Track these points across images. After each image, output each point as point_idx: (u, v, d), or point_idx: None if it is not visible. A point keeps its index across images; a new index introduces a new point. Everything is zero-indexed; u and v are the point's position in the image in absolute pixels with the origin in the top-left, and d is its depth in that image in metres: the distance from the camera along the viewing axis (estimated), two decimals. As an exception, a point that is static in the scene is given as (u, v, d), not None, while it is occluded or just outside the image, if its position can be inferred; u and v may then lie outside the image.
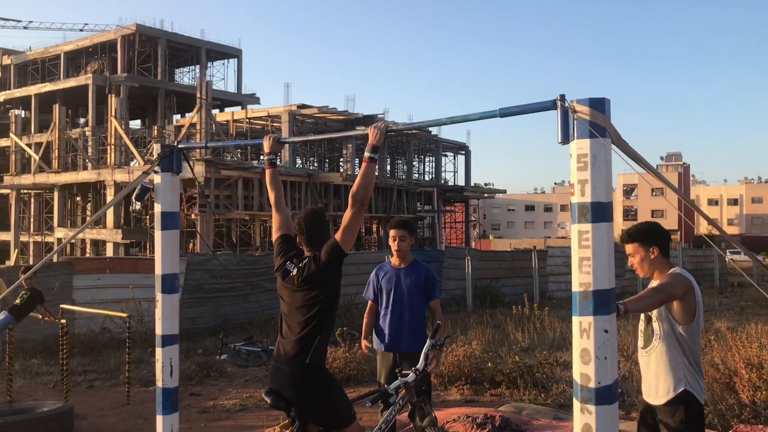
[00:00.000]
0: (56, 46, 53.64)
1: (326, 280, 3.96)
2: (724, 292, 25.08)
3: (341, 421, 3.98)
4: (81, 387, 9.59)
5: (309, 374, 3.91)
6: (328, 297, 3.98)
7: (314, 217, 4.11)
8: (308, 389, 3.90)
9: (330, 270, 3.95)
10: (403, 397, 4.62)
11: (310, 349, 3.90)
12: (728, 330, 9.15)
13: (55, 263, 15.53)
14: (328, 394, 3.95)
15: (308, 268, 3.96)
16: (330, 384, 4.01)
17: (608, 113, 2.87)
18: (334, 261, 3.93)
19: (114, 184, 39.32)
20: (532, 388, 8.12)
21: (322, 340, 3.96)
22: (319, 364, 3.95)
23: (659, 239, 3.83)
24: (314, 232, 4.06)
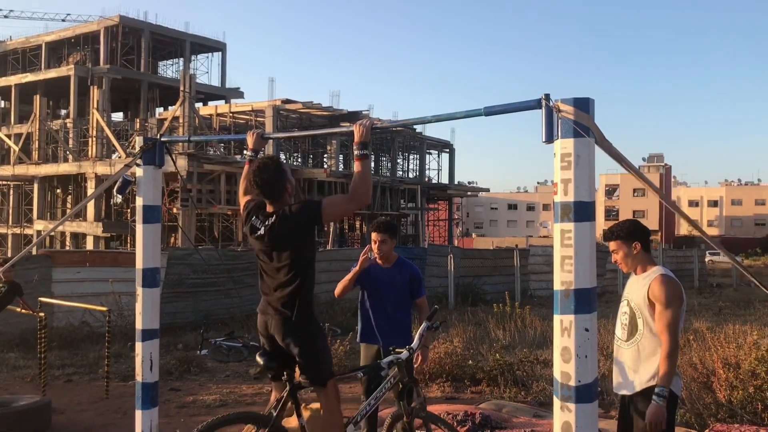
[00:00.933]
0: (37, 36, 53.02)
1: (298, 234, 3.90)
2: (703, 293, 25.37)
3: (321, 374, 4.00)
4: (59, 381, 9.51)
5: (297, 324, 3.93)
6: (303, 252, 3.93)
7: (265, 168, 3.97)
8: (297, 333, 3.92)
9: (301, 225, 3.88)
10: (394, 375, 4.58)
11: (294, 308, 3.91)
12: (707, 330, 9.23)
13: (34, 256, 15.37)
14: (314, 341, 3.97)
15: (279, 224, 3.91)
16: (318, 332, 4.03)
17: (592, 113, 2.88)
18: (308, 220, 3.88)
19: (95, 177, 38.94)
20: (512, 386, 8.16)
21: (304, 296, 3.95)
22: (305, 315, 3.95)
23: (641, 235, 3.98)
24: (268, 185, 3.95)
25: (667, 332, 3.71)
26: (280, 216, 3.92)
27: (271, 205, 4.01)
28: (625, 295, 4.05)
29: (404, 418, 4.53)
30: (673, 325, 3.73)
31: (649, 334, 3.80)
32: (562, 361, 2.88)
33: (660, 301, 3.77)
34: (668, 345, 3.70)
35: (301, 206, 3.92)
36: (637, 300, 3.89)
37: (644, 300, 3.84)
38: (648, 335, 3.81)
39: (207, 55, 56.14)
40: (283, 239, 3.92)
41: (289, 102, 44.53)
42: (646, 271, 3.93)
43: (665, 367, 3.69)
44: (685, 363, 7.36)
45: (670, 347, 3.70)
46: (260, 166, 4.00)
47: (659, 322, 3.74)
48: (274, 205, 3.99)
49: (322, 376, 4.01)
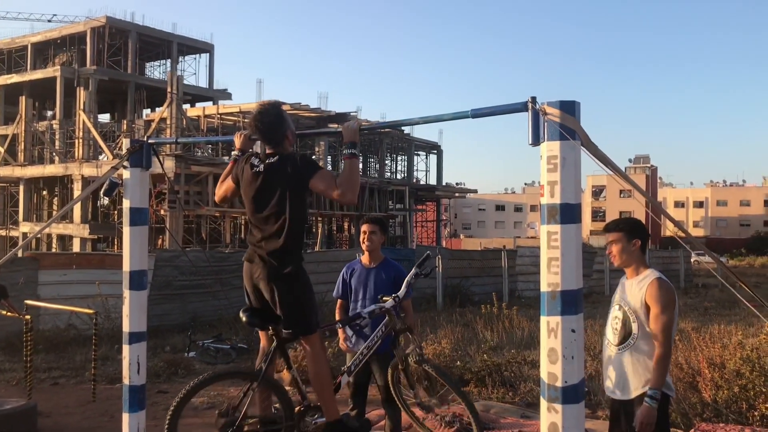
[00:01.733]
0: (23, 37, 52.62)
1: (295, 180, 3.88)
2: (689, 293, 25.54)
3: (307, 325, 4.00)
4: (45, 384, 9.44)
5: (283, 271, 3.91)
6: (294, 206, 3.91)
7: (267, 112, 3.99)
8: (282, 280, 3.90)
9: (301, 169, 3.88)
10: (386, 323, 4.56)
11: (282, 258, 3.90)
12: (692, 330, 9.32)
13: (20, 258, 15.26)
14: (301, 289, 3.97)
15: (279, 161, 3.91)
16: (304, 281, 4.01)
17: (578, 116, 2.90)
18: (304, 170, 3.87)
19: (81, 179, 38.71)
20: (500, 387, 8.17)
21: (293, 247, 3.94)
22: (293, 267, 3.94)
23: (642, 234, 4.02)
24: (271, 124, 3.97)
25: (662, 336, 3.74)
26: (282, 156, 3.93)
27: (272, 149, 4.01)
28: (617, 299, 4.05)
29: (399, 365, 4.54)
30: (668, 328, 3.76)
31: (643, 338, 3.82)
32: (549, 362, 2.89)
33: (656, 305, 3.78)
34: (663, 348, 3.73)
35: (303, 158, 3.93)
36: (632, 304, 3.89)
37: (641, 303, 3.85)
38: (642, 339, 3.82)
39: (194, 56, 55.93)
40: (281, 179, 3.89)
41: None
42: (639, 273, 3.94)
43: (658, 371, 3.72)
44: (671, 363, 7.41)
45: (664, 351, 3.73)
46: (262, 111, 3.99)
47: (654, 326, 3.76)
48: (275, 149, 3.99)
49: (309, 325, 4.01)
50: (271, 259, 3.91)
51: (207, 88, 54.60)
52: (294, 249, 3.96)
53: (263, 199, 3.95)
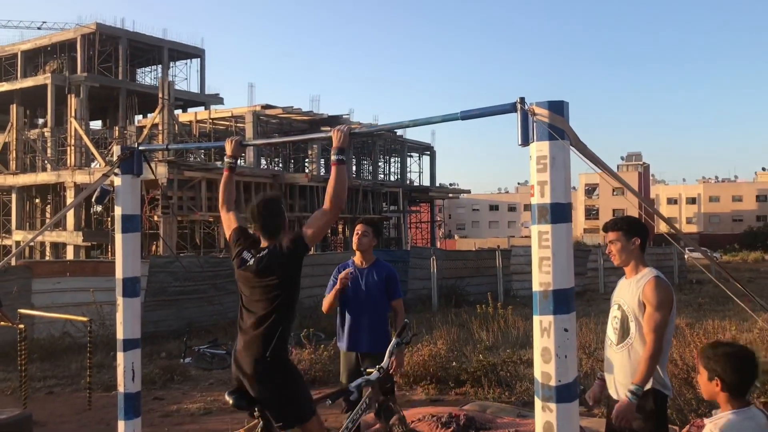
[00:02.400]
0: (13, 45, 52.44)
1: (286, 271, 3.93)
2: (683, 290, 25.59)
3: (301, 415, 3.95)
4: (40, 393, 9.40)
5: (270, 366, 3.88)
6: (288, 289, 3.94)
7: (270, 204, 4.08)
8: (269, 380, 3.88)
9: (291, 260, 3.92)
10: (369, 396, 4.60)
11: (270, 343, 3.88)
12: (687, 326, 9.33)
13: (14, 267, 15.20)
14: (288, 386, 3.92)
15: (268, 257, 3.93)
16: (291, 375, 3.98)
17: (567, 116, 2.92)
18: (296, 252, 3.91)
19: (74, 186, 38.59)
20: (496, 387, 8.19)
21: (282, 333, 3.93)
22: (280, 356, 3.92)
23: (642, 233, 4.01)
24: (270, 219, 4.02)
25: (652, 334, 3.74)
26: (271, 250, 3.95)
27: (266, 240, 4.04)
28: (616, 298, 4.06)
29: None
30: (660, 328, 3.75)
31: (640, 337, 3.82)
32: (543, 362, 2.91)
33: (651, 303, 3.79)
34: (652, 347, 3.72)
35: (290, 242, 3.93)
36: (630, 303, 3.90)
37: (637, 303, 3.85)
38: (639, 339, 3.83)
39: (185, 61, 55.84)
40: (270, 271, 3.91)
41: (269, 107, 44.47)
42: (638, 272, 3.94)
43: (644, 367, 3.72)
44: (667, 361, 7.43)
45: (654, 349, 3.72)
46: (264, 207, 4.04)
47: (647, 324, 3.77)
48: (268, 240, 4.03)
49: (300, 417, 3.96)
50: (259, 347, 3.89)
51: (198, 93, 54.52)
52: (283, 334, 3.96)
53: (253, 289, 3.98)
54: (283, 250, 3.90)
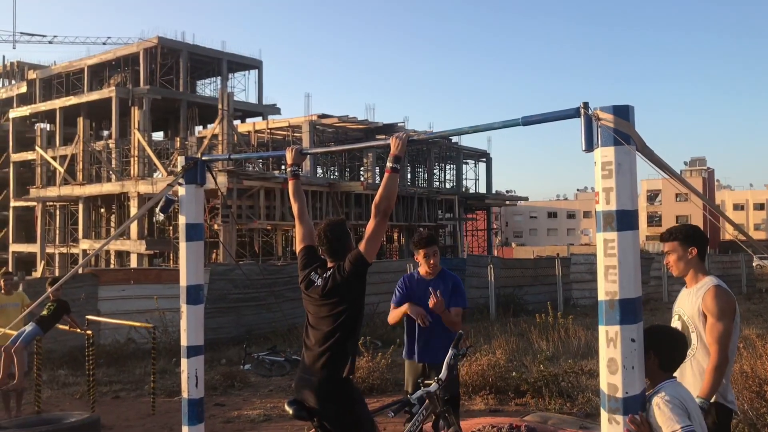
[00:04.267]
0: (80, 60, 54.42)
1: (350, 290, 3.96)
2: (752, 299, 24.69)
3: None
4: (107, 397, 9.67)
5: (333, 386, 3.90)
6: (353, 308, 3.98)
7: (335, 227, 4.13)
8: (332, 400, 3.89)
9: (354, 280, 3.94)
10: (426, 407, 4.59)
11: (335, 362, 3.90)
12: (757, 337, 8.99)
13: (81, 275, 15.70)
14: (351, 407, 3.94)
15: (332, 278, 3.96)
16: (353, 397, 4.00)
17: (632, 120, 2.85)
18: (357, 271, 3.93)
19: (137, 196, 39.70)
20: (557, 398, 8.04)
21: (347, 352, 3.95)
22: (344, 376, 3.93)
23: (699, 241, 3.89)
24: (336, 242, 4.07)
25: (716, 345, 3.62)
26: (334, 270, 3.99)
27: (332, 261, 4.09)
28: (676, 309, 3.95)
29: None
30: (724, 337, 3.63)
31: (703, 348, 3.71)
32: (609, 373, 2.83)
33: (712, 313, 3.68)
34: (716, 357, 3.60)
35: (350, 261, 3.95)
36: (690, 313, 3.79)
37: (698, 313, 3.74)
38: (702, 350, 3.71)
39: (244, 72, 56.96)
40: (336, 292, 3.95)
41: (325, 117, 44.92)
42: (698, 281, 3.83)
43: (709, 379, 3.60)
44: (736, 371, 7.17)
45: (719, 360, 3.60)
46: (331, 231, 4.08)
47: (710, 335, 3.66)
48: (334, 263, 4.07)
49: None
50: (324, 369, 3.91)
51: (256, 103, 55.48)
52: (349, 353, 3.97)
53: (320, 308, 4.02)
54: (346, 271, 3.93)
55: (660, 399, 2.91)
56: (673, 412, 2.85)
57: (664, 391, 2.96)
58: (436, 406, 4.59)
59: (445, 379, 4.68)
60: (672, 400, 2.89)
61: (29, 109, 54.85)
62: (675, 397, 2.92)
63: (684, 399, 2.96)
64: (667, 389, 2.98)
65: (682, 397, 2.96)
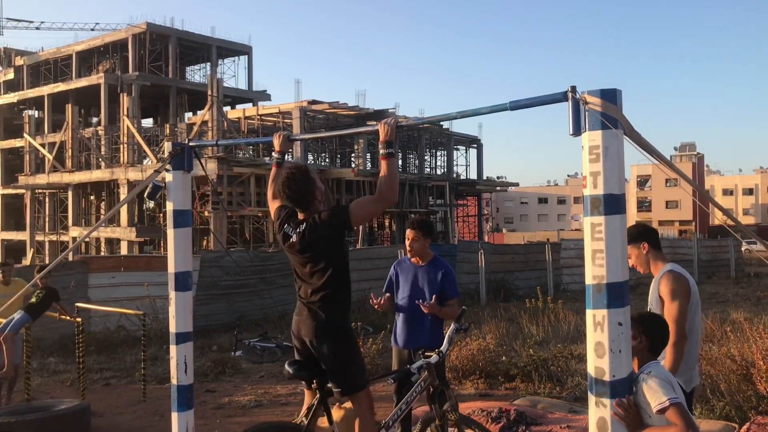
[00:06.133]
0: (68, 46, 53.96)
1: (328, 242, 3.93)
2: (740, 283, 24.88)
3: (356, 382, 3.99)
4: (97, 385, 9.67)
5: (331, 327, 3.94)
6: (336, 259, 3.96)
7: (295, 173, 4.03)
8: (330, 338, 3.92)
9: (332, 230, 3.91)
10: (425, 379, 4.58)
11: (328, 312, 3.93)
12: (745, 321, 9.06)
13: (70, 262, 15.63)
14: (348, 348, 3.98)
15: (309, 231, 3.93)
16: (351, 339, 4.03)
17: (620, 104, 2.83)
18: (336, 223, 3.90)
19: (127, 183, 39.53)
20: (546, 382, 8.09)
21: (339, 302, 3.97)
22: (340, 319, 3.97)
23: (647, 236, 4.13)
24: (299, 189, 3.98)
25: (673, 324, 3.75)
26: (309, 223, 3.94)
27: (302, 213, 4.04)
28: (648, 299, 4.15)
29: (436, 420, 4.53)
30: (679, 316, 3.83)
31: None
32: (596, 356, 2.84)
33: (665, 296, 3.90)
34: (674, 335, 3.73)
35: (329, 212, 3.93)
36: (652, 300, 4.01)
37: (657, 299, 3.95)
38: None
39: (233, 58, 56.64)
40: (314, 246, 3.93)
41: (316, 103, 44.74)
42: (657, 271, 4.05)
43: (669, 356, 3.78)
44: (723, 355, 7.23)
45: (676, 337, 3.77)
46: (288, 177, 4.01)
47: (666, 316, 3.80)
48: (305, 213, 4.02)
49: (355, 384, 3.99)
50: (318, 312, 3.94)
51: (246, 89, 55.24)
52: (340, 301, 3.99)
53: (304, 263, 4.00)
54: (323, 221, 3.89)
55: (647, 376, 3.03)
56: (660, 386, 2.97)
57: (652, 369, 3.09)
58: (434, 378, 4.57)
59: (445, 351, 4.68)
60: (659, 376, 3.03)
61: (17, 96, 54.41)
62: (662, 374, 3.07)
63: (669, 377, 3.11)
64: (654, 368, 3.11)
65: (667, 376, 3.11)
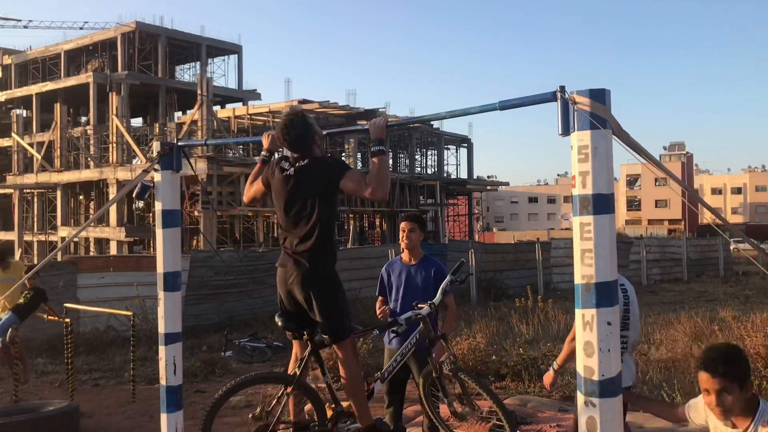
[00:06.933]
0: (56, 45, 53.64)
1: (323, 188, 3.94)
2: (729, 281, 25.03)
3: (341, 330, 4.01)
4: (86, 385, 9.61)
5: (317, 276, 3.95)
6: (325, 213, 3.96)
7: (295, 119, 4.07)
8: (316, 287, 3.94)
9: (328, 176, 3.93)
10: (419, 331, 4.55)
11: (314, 260, 3.94)
12: (733, 319, 9.12)
13: (59, 262, 15.54)
14: (335, 296, 4.00)
15: (308, 165, 3.96)
16: (337, 287, 4.04)
17: (608, 104, 2.84)
18: (335, 172, 3.93)
19: (116, 183, 39.34)
20: (537, 381, 8.10)
21: (327, 251, 3.98)
22: (326, 269, 3.98)
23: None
24: (298, 132, 4.01)
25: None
26: (312, 159, 3.98)
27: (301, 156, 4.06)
28: None
29: (433, 374, 4.54)
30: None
31: None
32: (585, 356, 2.85)
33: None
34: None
35: (333, 161, 4.04)
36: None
37: None
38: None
39: (223, 57, 56.46)
40: (311, 182, 3.94)
41: (306, 102, 44.67)
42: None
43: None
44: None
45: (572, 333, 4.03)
46: (288, 123, 4.05)
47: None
48: (306, 156, 4.05)
49: (342, 330, 4.02)
50: (304, 261, 3.94)
51: (236, 89, 55.07)
52: (327, 251, 3.99)
53: (294, 202, 4.00)
54: (326, 161, 3.98)
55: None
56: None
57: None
58: (429, 330, 4.55)
59: (437, 303, 4.65)
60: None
61: (5, 95, 54.03)
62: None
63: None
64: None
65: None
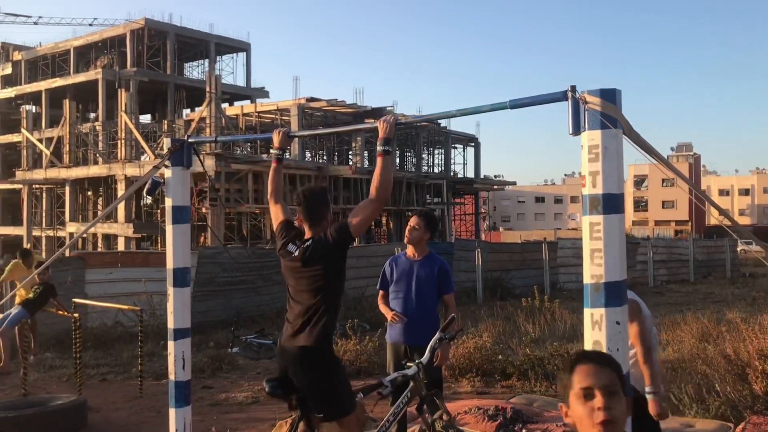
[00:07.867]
0: (66, 42, 53.78)
1: (331, 260, 3.93)
2: (736, 283, 24.94)
3: (340, 409, 3.92)
4: (94, 380, 9.65)
5: (314, 354, 3.88)
6: (333, 279, 3.95)
7: (315, 191, 4.14)
8: (312, 368, 3.87)
9: (336, 249, 3.91)
10: (411, 389, 4.55)
11: (315, 332, 3.88)
12: (741, 321, 9.10)
13: (68, 257, 15.59)
14: (332, 378, 3.92)
15: (314, 245, 3.94)
16: (335, 367, 3.99)
17: (619, 104, 2.85)
18: (341, 241, 3.90)
19: (125, 179, 39.45)
20: (543, 380, 8.11)
21: (327, 323, 3.92)
22: (324, 346, 3.93)
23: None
24: (313, 205, 4.05)
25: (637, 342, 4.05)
26: (315, 240, 3.97)
27: (310, 229, 4.06)
28: None
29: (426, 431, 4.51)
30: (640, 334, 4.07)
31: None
32: (594, 355, 2.85)
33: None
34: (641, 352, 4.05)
35: (335, 229, 3.94)
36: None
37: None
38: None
39: (232, 55, 56.50)
40: (316, 261, 3.92)
41: (314, 100, 44.68)
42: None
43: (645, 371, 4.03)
44: (718, 354, 7.26)
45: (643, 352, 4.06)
46: (310, 195, 4.08)
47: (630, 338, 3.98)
48: (312, 230, 4.04)
49: (343, 409, 3.93)
50: (301, 340, 3.90)
51: (245, 86, 55.11)
52: (326, 339, 3.96)
53: (299, 279, 4.00)
54: (328, 239, 3.90)
55: None
56: None
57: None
58: (420, 388, 4.54)
59: (426, 362, 4.62)
60: None
61: (14, 91, 54.21)
62: None
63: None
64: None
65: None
